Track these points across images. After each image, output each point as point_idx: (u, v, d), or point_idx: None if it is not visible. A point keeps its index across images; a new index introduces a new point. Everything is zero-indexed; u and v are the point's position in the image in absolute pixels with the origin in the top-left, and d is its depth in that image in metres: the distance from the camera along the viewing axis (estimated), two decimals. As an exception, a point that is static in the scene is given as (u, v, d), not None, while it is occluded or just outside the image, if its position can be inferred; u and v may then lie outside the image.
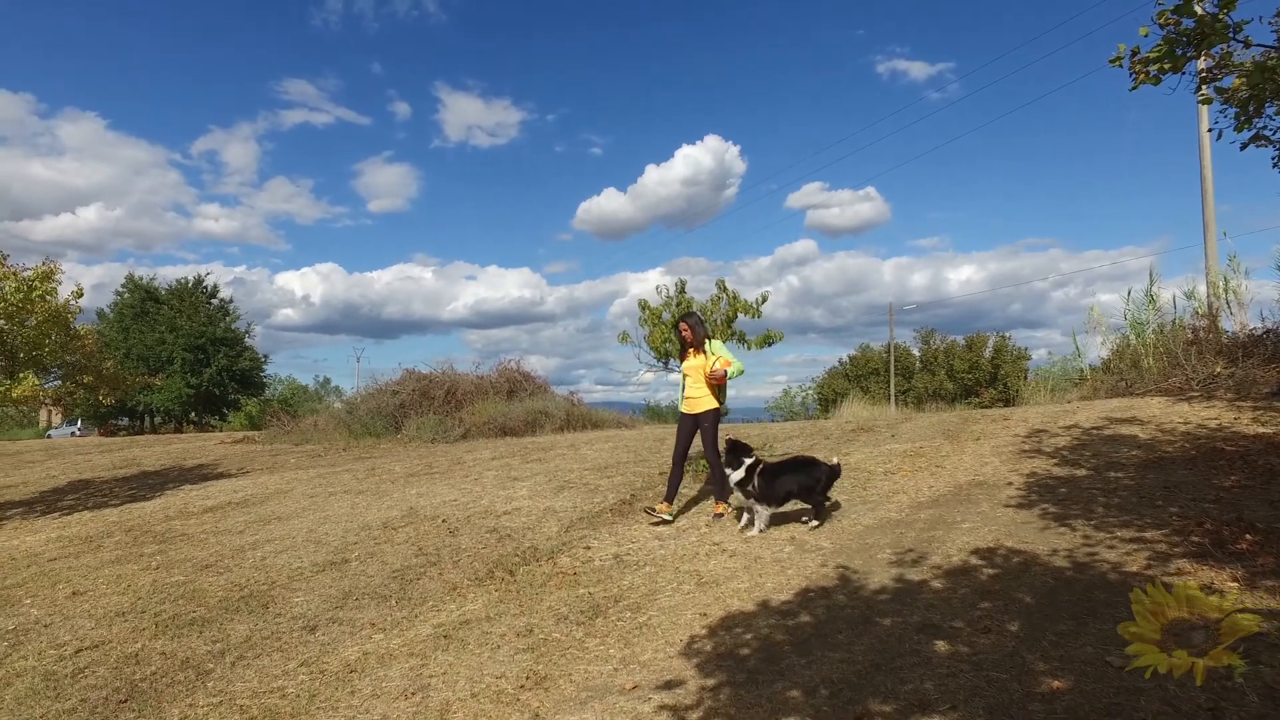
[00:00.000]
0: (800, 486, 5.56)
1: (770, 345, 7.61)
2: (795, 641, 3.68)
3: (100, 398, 10.85)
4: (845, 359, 47.89)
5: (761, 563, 4.94)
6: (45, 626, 5.26)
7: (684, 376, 6.33)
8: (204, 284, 40.31)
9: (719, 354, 6.11)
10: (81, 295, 10.17)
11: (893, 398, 34.96)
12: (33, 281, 9.31)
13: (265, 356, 42.43)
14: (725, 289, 7.45)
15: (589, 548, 5.74)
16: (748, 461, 5.66)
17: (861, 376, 44.30)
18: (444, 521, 6.93)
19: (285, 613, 5.11)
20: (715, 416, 6.18)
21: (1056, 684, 2.90)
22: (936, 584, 4.13)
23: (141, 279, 40.20)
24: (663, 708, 3.20)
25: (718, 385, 6.10)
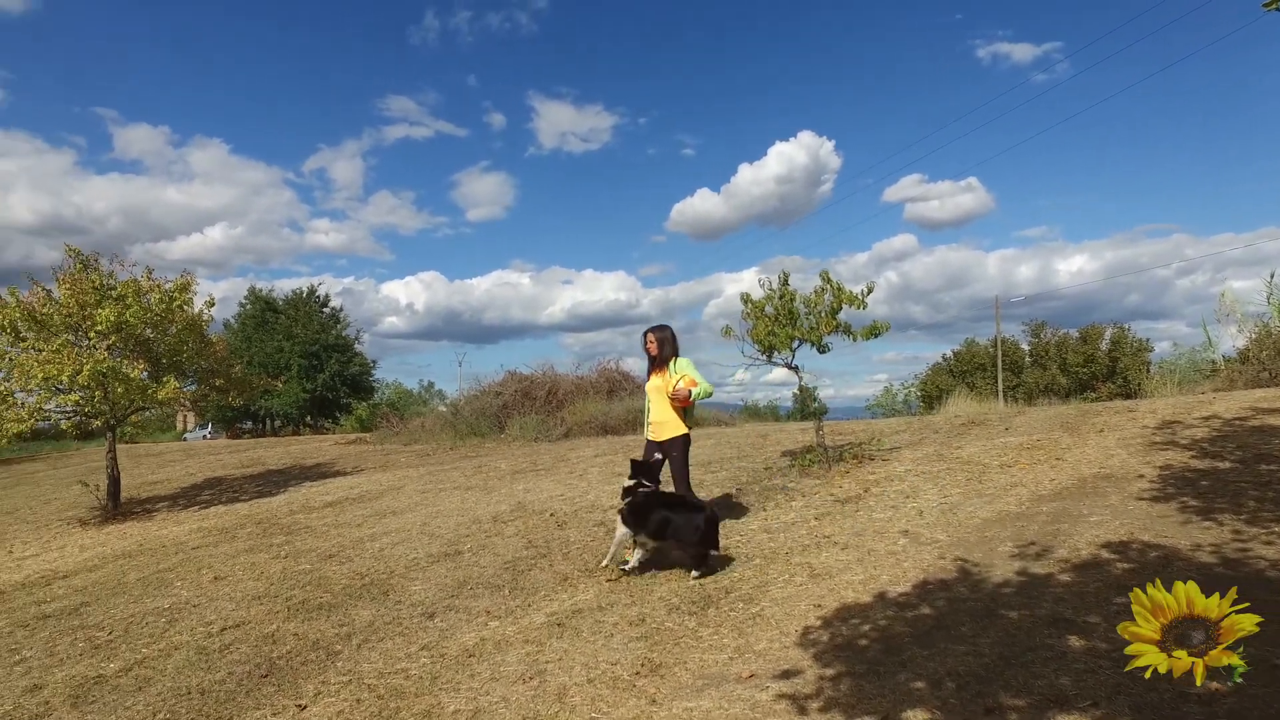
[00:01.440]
0: (674, 528, 4.94)
1: (877, 336, 7.39)
2: (916, 633, 3.57)
3: (230, 399, 11.61)
4: (949, 354, 46.18)
5: (875, 555, 4.82)
6: (194, 607, 5.68)
7: (647, 398, 5.78)
8: (316, 294, 42.58)
9: (684, 373, 5.48)
10: (214, 305, 10.93)
11: (1001, 393, 33.48)
12: (173, 293, 10.07)
13: (374, 362, 44.42)
14: (829, 280, 7.29)
15: (696, 540, 5.74)
16: (644, 486, 5.16)
17: (967, 372, 42.55)
18: (552, 515, 7.07)
19: (405, 600, 5.31)
20: (684, 444, 5.53)
21: (1215, 685, 2.70)
22: (1064, 578, 3.93)
23: (261, 291, 42.85)
24: (781, 696, 3.17)
25: (682, 408, 5.47)
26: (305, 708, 3.81)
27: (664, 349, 5.59)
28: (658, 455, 5.56)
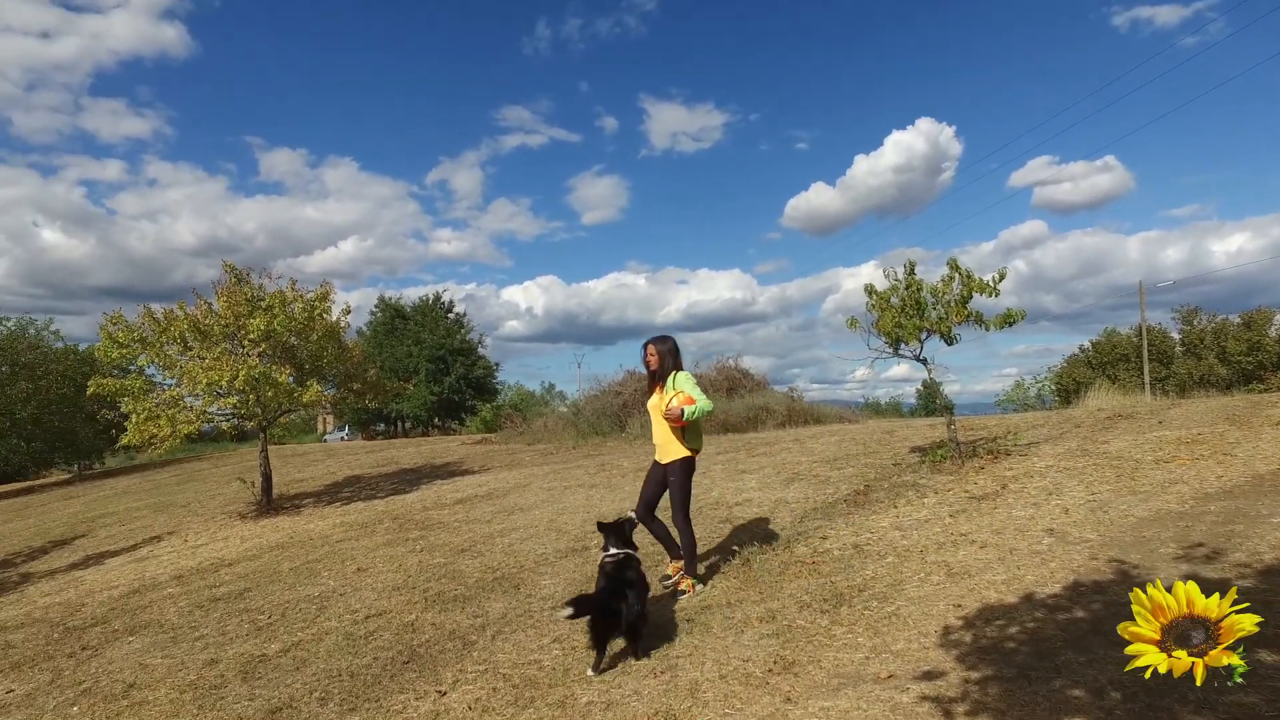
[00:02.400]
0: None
1: (1011, 325, 6.98)
2: (1069, 638, 3.33)
3: (366, 402, 12.28)
4: (1086, 345, 43.33)
5: (1018, 554, 4.55)
6: (340, 595, 6.03)
7: (651, 416, 5.26)
8: (441, 301, 44.49)
9: (681, 389, 4.93)
10: (349, 313, 11.62)
11: (1148, 385, 31.03)
12: (314, 302, 10.75)
13: (496, 365, 45.99)
14: (958, 268, 6.95)
15: (825, 537, 5.60)
16: (612, 552, 4.48)
17: (1107, 364, 39.72)
18: (675, 511, 7.07)
19: (535, 593, 5.44)
20: (685, 468, 4.99)
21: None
22: (1245, 584, 3.57)
23: (390, 299, 45.20)
24: (924, 698, 3.03)
25: (680, 427, 4.93)
26: (445, 694, 3.96)
27: (664, 362, 5.08)
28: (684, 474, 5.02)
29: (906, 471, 7.24)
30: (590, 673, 3.95)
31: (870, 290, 7.15)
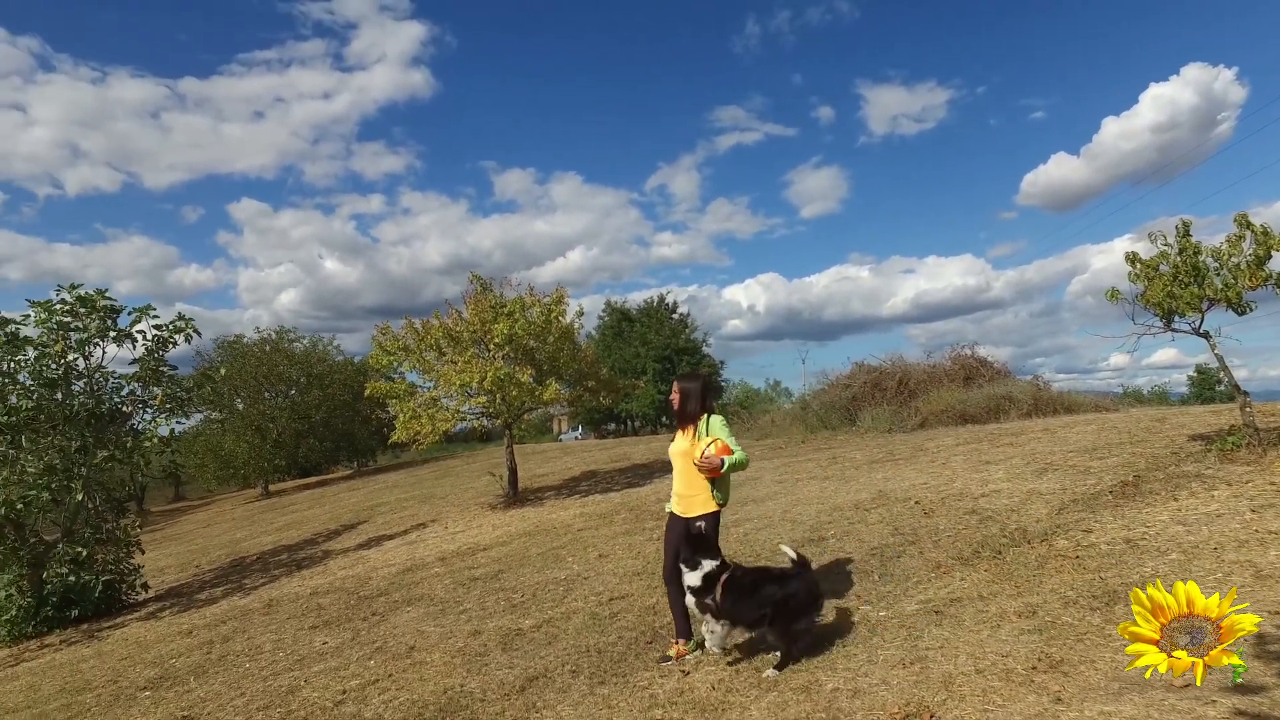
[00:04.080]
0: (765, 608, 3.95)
1: (1326, 288, 5.86)
2: None
3: (600, 400, 12.89)
4: None
5: (1353, 555, 3.79)
6: (585, 579, 6.38)
7: (672, 463, 4.58)
8: (665, 303, 45.75)
9: (716, 435, 4.27)
10: (582, 314, 12.25)
11: None
12: (550, 306, 11.48)
13: (721, 363, 46.48)
14: (1249, 224, 5.95)
15: (1089, 530, 5.03)
16: (708, 566, 4.10)
17: None
18: (916, 503, 6.70)
19: (770, 582, 5.39)
20: (711, 524, 4.35)
21: None
22: None
23: (617, 304, 47.23)
24: (1239, 713, 2.61)
25: (711, 478, 4.30)
26: (689, 673, 4.05)
27: (688, 403, 4.45)
28: (699, 524, 4.34)
29: (1187, 461, 6.32)
30: None
31: (1134, 259, 6.32)
